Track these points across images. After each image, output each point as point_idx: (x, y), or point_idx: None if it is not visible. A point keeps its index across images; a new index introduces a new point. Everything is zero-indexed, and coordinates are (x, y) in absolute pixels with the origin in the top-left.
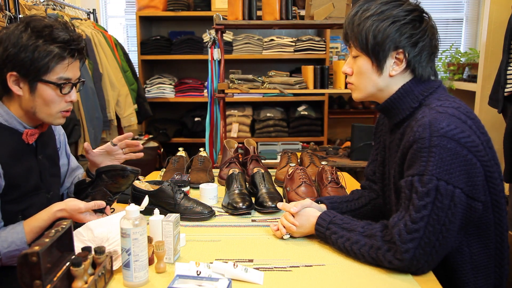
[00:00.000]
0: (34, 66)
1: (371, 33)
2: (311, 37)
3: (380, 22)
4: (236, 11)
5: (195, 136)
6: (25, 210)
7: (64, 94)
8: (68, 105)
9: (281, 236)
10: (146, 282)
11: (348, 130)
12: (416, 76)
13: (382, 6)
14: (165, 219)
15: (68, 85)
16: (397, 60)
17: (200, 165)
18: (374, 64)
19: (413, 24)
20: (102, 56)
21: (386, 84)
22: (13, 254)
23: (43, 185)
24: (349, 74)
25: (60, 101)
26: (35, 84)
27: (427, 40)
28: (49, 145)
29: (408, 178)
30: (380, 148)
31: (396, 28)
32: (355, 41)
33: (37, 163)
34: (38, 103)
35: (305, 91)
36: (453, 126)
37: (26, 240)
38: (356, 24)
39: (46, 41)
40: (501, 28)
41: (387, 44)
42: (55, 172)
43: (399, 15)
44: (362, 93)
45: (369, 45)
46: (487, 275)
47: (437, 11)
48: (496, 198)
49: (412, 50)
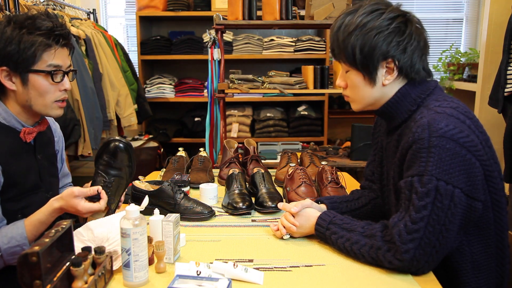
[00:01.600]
0: (22, 57)
1: (357, 48)
2: (311, 37)
3: (365, 36)
4: (236, 11)
5: (195, 136)
6: (24, 208)
7: (56, 82)
8: (63, 94)
9: (281, 236)
10: (146, 282)
11: (348, 130)
12: (411, 79)
13: (364, 17)
14: (165, 219)
15: (59, 72)
16: (389, 69)
17: (200, 165)
18: (366, 77)
19: (398, 31)
20: (102, 56)
21: (381, 93)
22: (14, 250)
23: (42, 184)
24: (344, 87)
25: (54, 90)
26: (26, 75)
27: (415, 43)
28: (48, 146)
29: (408, 179)
30: (378, 149)
31: (382, 39)
32: (343, 56)
33: (36, 162)
34: (33, 95)
35: (305, 91)
36: (452, 126)
37: (26, 236)
38: (341, 40)
39: (29, 31)
40: (501, 28)
41: (375, 56)
42: (54, 172)
43: (382, 25)
44: (360, 105)
45: (357, 60)
46: (488, 274)
47: (437, 11)
48: (496, 197)
49: (402, 57)
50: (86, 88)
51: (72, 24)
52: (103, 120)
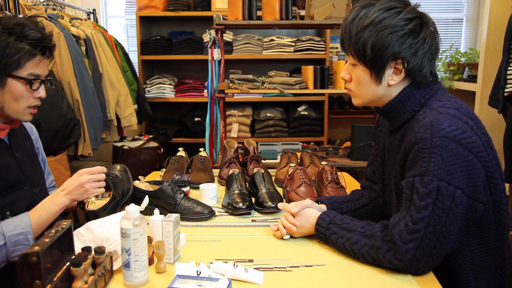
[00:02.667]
0: (5, 61)
1: (369, 44)
2: (311, 37)
3: (378, 33)
4: (236, 11)
5: (195, 136)
6: (11, 204)
7: (33, 90)
8: (36, 101)
9: (281, 236)
10: (146, 282)
11: (348, 130)
12: (416, 82)
13: (381, 13)
14: (165, 219)
15: (37, 81)
16: (396, 70)
17: (200, 165)
18: (373, 75)
19: (413, 33)
20: (102, 56)
21: (385, 92)
22: (18, 239)
23: (26, 180)
24: (348, 81)
25: (29, 96)
26: (5, 79)
27: (427, 47)
28: (25, 144)
29: (409, 179)
30: (379, 149)
31: (395, 39)
32: (353, 50)
33: (14, 159)
34: (7, 99)
35: (305, 91)
36: (455, 127)
37: (30, 223)
38: (354, 33)
39: (17, 38)
40: (501, 28)
41: (385, 55)
42: (37, 168)
43: (398, 25)
44: (362, 100)
45: (367, 56)
46: (489, 275)
47: (437, 11)
48: (497, 199)
49: (411, 59)
50: (86, 88)
51: (72, 24)
52: (103, 120)
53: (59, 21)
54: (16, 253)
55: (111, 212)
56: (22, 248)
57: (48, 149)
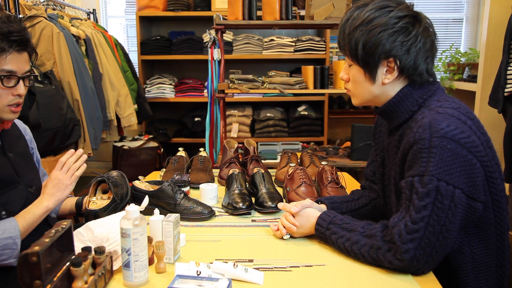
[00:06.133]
0: None
1: (360, 43)
2: (311, 37)
3: (369, 32)
4: (236, 11)
5: (195, 136)
6: (6, 204)
7: (7, 86)
8: (16, 98)
9: (281, 236)
10: (146, 282)
11: (348, 130)
12: (413, 81)
13: (372, 13)
14: (165, 219)
15: (13, 78)
16: (389, 68)
17: (200, 165)
18: (367, 74)
19: (404, 31)
20: (102, 56)
21: (381, 91)
22: (6, 243)
23: (20, 179)
24: (346, 81)
25: (6, 94)
26: None
27: (421, 45)
28: (19, 144)
29: (409, 179)
30: (379, 149)
31: (385, 37)
32: (347, 50)
33: (7, 160)
34: None
35: (305, 91)
36: (453, 126)
37: (19, 228)
38: (347, 33)
39: None
40: (501, 28)
41: (376, 53)
42: (32, 168)
43: (388, 23)
44: (360, 100)
45: (359, 55)
46: (489, 275)
47: (437, 11)
48: (497, 198)
49: (404, 57)
50: (86, 88)
51: (72, 24)
52: (103, 120)
53: (59, 21)
54: (3, 257)
55: (111, 213)
56: (10, 252)
57: (48, 149)
